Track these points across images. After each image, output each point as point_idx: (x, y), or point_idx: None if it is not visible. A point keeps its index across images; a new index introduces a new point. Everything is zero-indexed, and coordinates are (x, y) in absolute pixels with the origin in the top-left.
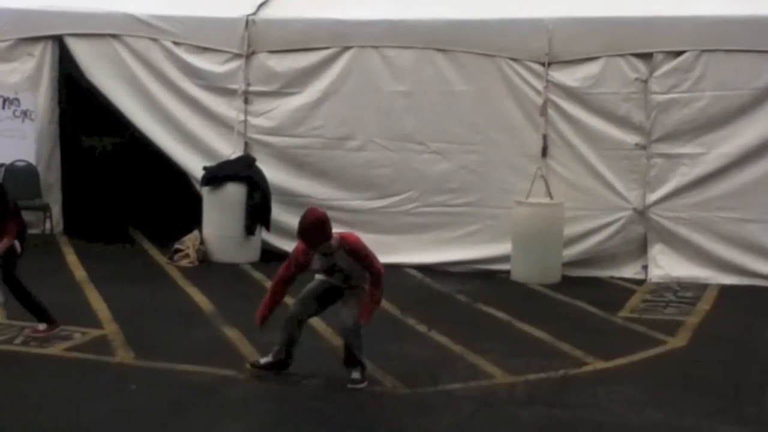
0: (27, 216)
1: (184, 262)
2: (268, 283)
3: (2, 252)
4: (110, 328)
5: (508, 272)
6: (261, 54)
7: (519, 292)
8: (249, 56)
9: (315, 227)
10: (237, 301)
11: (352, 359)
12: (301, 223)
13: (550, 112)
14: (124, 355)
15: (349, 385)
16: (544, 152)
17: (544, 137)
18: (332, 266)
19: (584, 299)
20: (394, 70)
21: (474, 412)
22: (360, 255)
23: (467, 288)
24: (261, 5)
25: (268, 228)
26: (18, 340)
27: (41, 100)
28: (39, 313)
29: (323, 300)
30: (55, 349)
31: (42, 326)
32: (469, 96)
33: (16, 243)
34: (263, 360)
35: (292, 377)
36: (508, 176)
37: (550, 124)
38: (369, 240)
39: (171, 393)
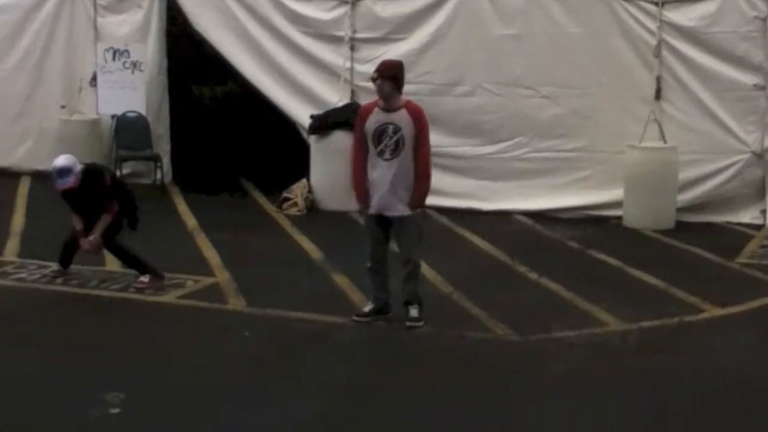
0: (138, 166)
1: (293, 211)
2: None
3: (101, 232)
4: (222, 276)
5: (620, 218)
6: (367, 0)
7: (631, 238)
8: (354, 3)
9: (394, 63)
10: (345, 248)
11: (411, 296)
12: (379, 66)
13: (664, 53)
14: (235, 303)
15: (408, 323)
16: (658, 95)
17: (658, 79)
18: (388, 125)
19: (700, 245)
20: (502, 14)
21: (587, 359)
22: (422, 121)
23: (578, 234)
24: None
25: None
26: (133, 288)
27: (150, 51)
28: (142, 268)
29: (384, 231)
30: (169, 297)
31: (145, 278)
32: (579, 38)
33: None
34: (366, 308)
35: (402, 324)
36: (620, 120)
37: (663, 66)
38: (478, 186)
39: (282, 339)
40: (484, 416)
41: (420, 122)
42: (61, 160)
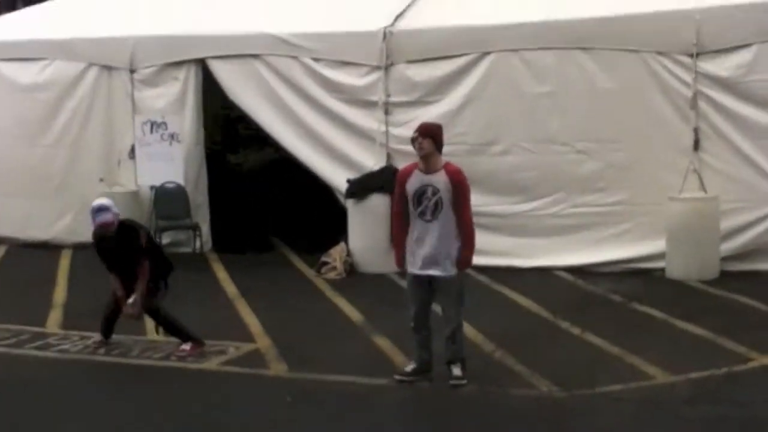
0: (177, 235)
1: (332, 275)
2: None
3: (142, 295)
4: (263, 341)
5: (663, 270)
6: (400, 65)
7: (676, 290)
8: (388, 68)
9: (434, 124)
10: (385, 310)
11: (454, 355)
12: (420, 128)
13: (701, 103)
14: (278, 368)
15: (452, 382)
16: (696, 145)
17: (696, 130)
18: (427, 187)
19: (745, 294)
20: (536, 72)
21: (636, 413)
22: (462, 183)
23: (621, 288)
24: (398, 16)
25: None
26: (174, 357)
27: (187, 122)
28: (184, 336)
29: (427, 292)
30: (211, 364)
31: (187, 346)
32: (614, 93)
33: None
34: (408, 368)
35: (445, 383)
36: (659, 172)
37: (701, 117)
38: (518, 244)
39: (326, 403)
40: None
41: (459, 183)
42: (100, 200)
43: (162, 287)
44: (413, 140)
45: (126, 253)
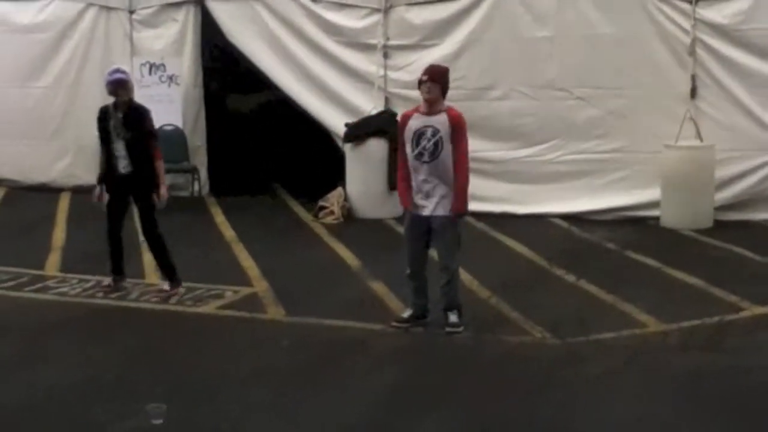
0: (176, 179)
1: (329, 219)
2: None
3: (163, 176)
4: (260, 285)
5: (657, 218)
6: (399, 7)
7: (669, 239)
8: (387, 10)
9: (442, 68)
10: (382, 255)
11: (450, 302)
12: (428, 69)
13: (699, 51)
14: (274, 312)
15: (447, 329)
16: (693, 93)
17: (693, 78)
18: (427, 128)
19: (738, 243)
20: (536, 16)
21: (627, 361)
22: (461, 127)
23: (616, 236)
24: None
25: None
26: (173, 300)
27: (186, 64)
28: (170, 272)
29: (424, 234)
30: (209, 308)
31: (166, 285)
32: (613, 39)
33: (155, 197)
34: (404, 314)
35: (441, 330)
36: (656, 120)
37: (698, 64)
38: (514, 190)
39: (322, 347)
40: (525, 419)
41: (459, 127)
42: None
43: (156, 203)
44: (421, 82)
45: (132, 131)
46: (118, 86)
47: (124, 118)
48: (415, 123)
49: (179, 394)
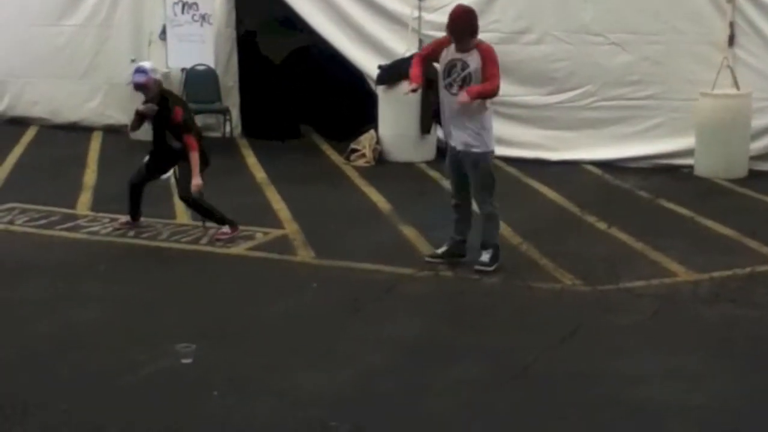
0: (207, 119)
1: (361, 162)
2: (444, 182)
3: (197, 165)
4: (291, 227)
5: (691, 167)
6: None
7: (703, 188)
8: None
9: (464, 17)
10: (413, 199)
11: (485, 241)
12: (451, 15)
13: None
14: (304, 254)
15: (476, 267)
16: (731, 40)
17: (731, 24)
18: (458, 61)
19: None
20: None
21: (657, 310)
22: (489, 56)
23: (648, 184)
24: None
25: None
26: (204, 240)
27: (218, 3)
28: (221, 221)
29: (461, 166)
30: (239, 249)
31: (226, 228)
32: None
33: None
34: (440, 250)
35: (470, 275)
36: (693, 66)
37: (737, 11)
38: (547, 136)
39: (350, 290)
40: (552, 367)
41: (488, 56)
42: (144, 63)
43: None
44: (447, 26)
45: (160, 123)
46: (138, 89)
47: (160, 109)
48: (446, 55)
49: (207, 335)
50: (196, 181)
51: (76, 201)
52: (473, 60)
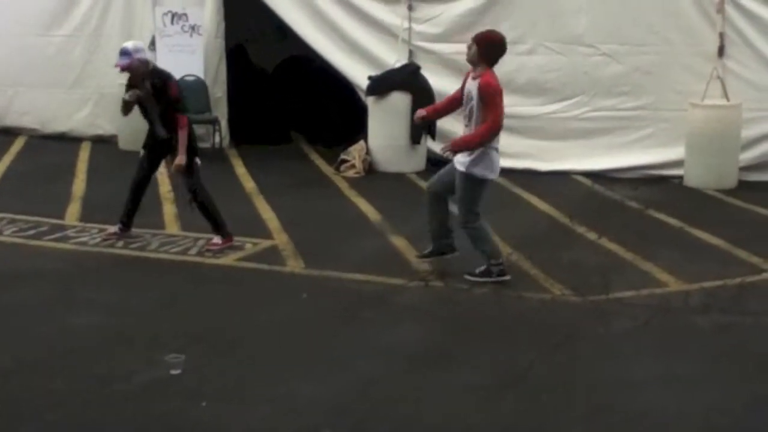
0: (197, 130)
1: (351, 173)
2: None
3: (184, 151)
4: (280, 238)
5: (681, 177)
6: None
7: (693, 198)
8: None
9: (488, 33)
10: (404, 210)
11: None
12: (492, 35)
13: (728, 8)
14: (294, 265)
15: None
16: (721, 51)
17: (721, 35)
18: (470, 92)
19: (762, 204)
20: None
21: (649, 318)
22: (486, 92)
23: (638, 194)
24: None
25: (433, 137)
26: (193, 251)
27: (208, 14)
28: (217, 226)
29: (449, 174)
30: (228, 260)
31: (217, 239)
32: None
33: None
34: (426, 250)
35: (462, 285)
36: (683, 77)
37: (727, 22)
38: (538, 147)
39: (341, 301)
40: (542, 377)
41: (484, 93)
42: (127, 43)
43: (197, 165)
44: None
45: (156, 101)
46: (123, 71)
47: (152, 87)
48: (467, 84)
49: (198, 345)
50: (180, 159)
51: (65, 211)
52: (475, 91)
